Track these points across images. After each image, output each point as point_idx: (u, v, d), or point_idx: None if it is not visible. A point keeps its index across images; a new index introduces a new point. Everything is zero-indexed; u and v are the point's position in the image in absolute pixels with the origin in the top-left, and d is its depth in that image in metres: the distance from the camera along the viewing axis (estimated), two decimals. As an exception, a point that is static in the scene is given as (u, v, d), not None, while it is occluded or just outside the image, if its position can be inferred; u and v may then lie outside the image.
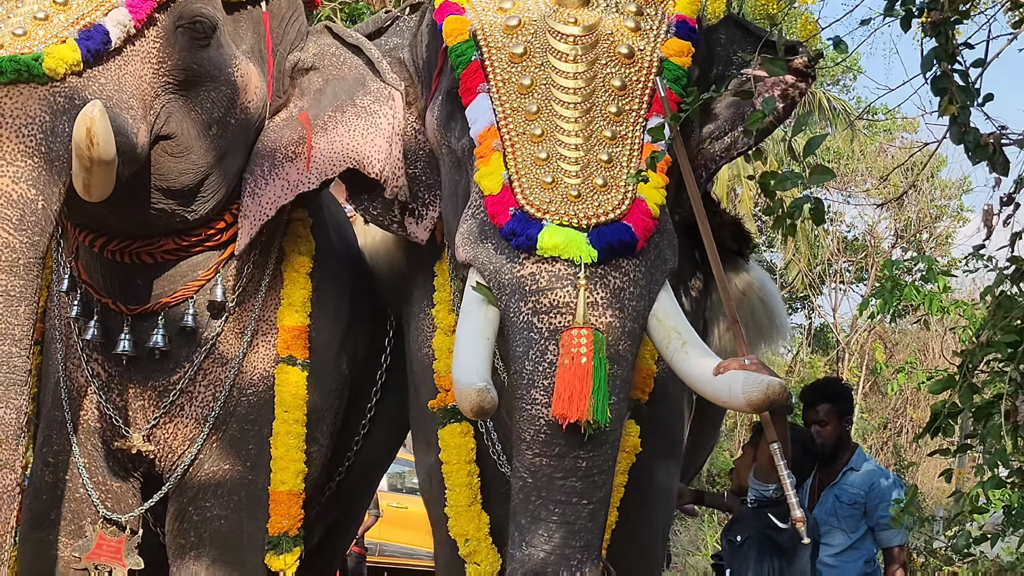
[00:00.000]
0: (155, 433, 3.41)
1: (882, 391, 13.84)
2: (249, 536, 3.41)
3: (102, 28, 2.81)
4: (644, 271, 2.73)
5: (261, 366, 3.46)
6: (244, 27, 3.28)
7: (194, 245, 3.31)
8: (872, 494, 4.05)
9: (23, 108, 2.68)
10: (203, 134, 3.13)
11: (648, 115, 2.85)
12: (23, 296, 2.67)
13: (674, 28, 2.95)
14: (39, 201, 2.69)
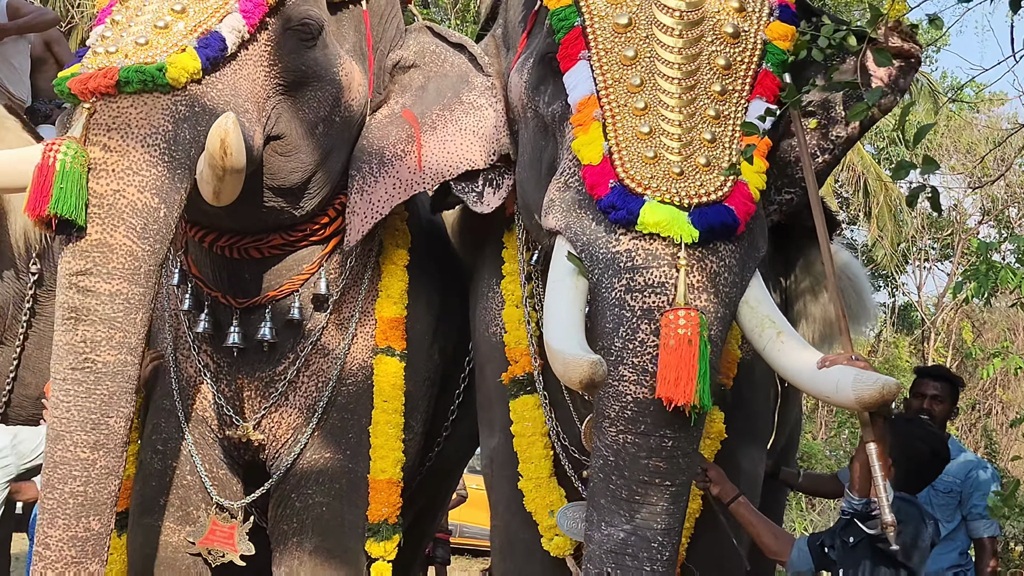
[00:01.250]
0: (263, 422, 3.54)
1: (969, 371, 13.58)
2: (350, 523, 3.53)
3: (218, 35, 2.92)
4: (739, 256, 2.73)
5: (360, 356, 3.58)
6: (346, 26, 3.38)
7: (300, 240, 3.42)
8: (967, 483, 4.03)
9: (148, 118, 2.79)
10: (310, 133, 3.23)
11: (750, 97, 2.85)
12: (142, 304, 2.79)
13: (777, 11, 2.94)
14: (162, 209, 2.80)
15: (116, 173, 2.74)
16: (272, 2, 3.03)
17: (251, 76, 3.03)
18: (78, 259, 2.73)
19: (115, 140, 2.75)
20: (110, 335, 2.74)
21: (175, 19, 2.90)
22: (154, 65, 2.78)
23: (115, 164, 2.74)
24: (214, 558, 3.56)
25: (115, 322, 2.74)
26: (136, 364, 2.83)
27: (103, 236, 2.73)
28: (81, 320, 2.72)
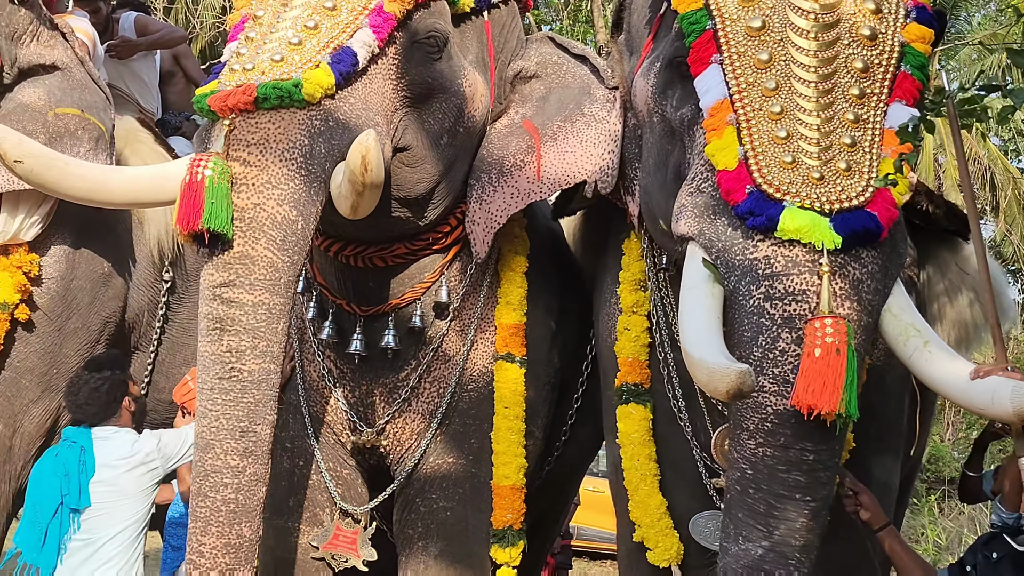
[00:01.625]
0: (387, 428, 3.60)
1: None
2: (474, 528, 3.57)
3: (350, 50, 2.97)
4: (881, 263, 2.67)
5: (481, 363, 3.61)
6: (469, 37, 3.42)
7: (422, 249, 3.47)
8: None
9: (285, 133, 2.86)
10: (435, 144, 3.27)
11: (889, 100, 2.79)
12: (282, 314, 2.86)
13: (913, 12, 2.87)
14: (299, 221, 2.87)
15: (256, 187, 2.82)
16: (400, 16, 3.08)
17: (380, 89, 3.09)
18: (221, 271, 2.81)
19: (254, 155, 2.83)
20: (254, 344, 2.81)
21: (308, 36, 2.96)
22: (290, 81, 2.85)
23: (255, 178, 2.82)
24: (337, 563, 3.64)
25: (258, 331, 2.82)
26: (278, 372, 2.90)
27: (245, 248, 2.80)
28: (226, 330, 2.80)
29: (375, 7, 3.05)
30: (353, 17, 3.02)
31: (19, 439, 3.93)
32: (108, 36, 5.05)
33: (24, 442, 3.92)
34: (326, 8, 3.01)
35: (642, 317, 3.45)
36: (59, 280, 3.96)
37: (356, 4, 3.04)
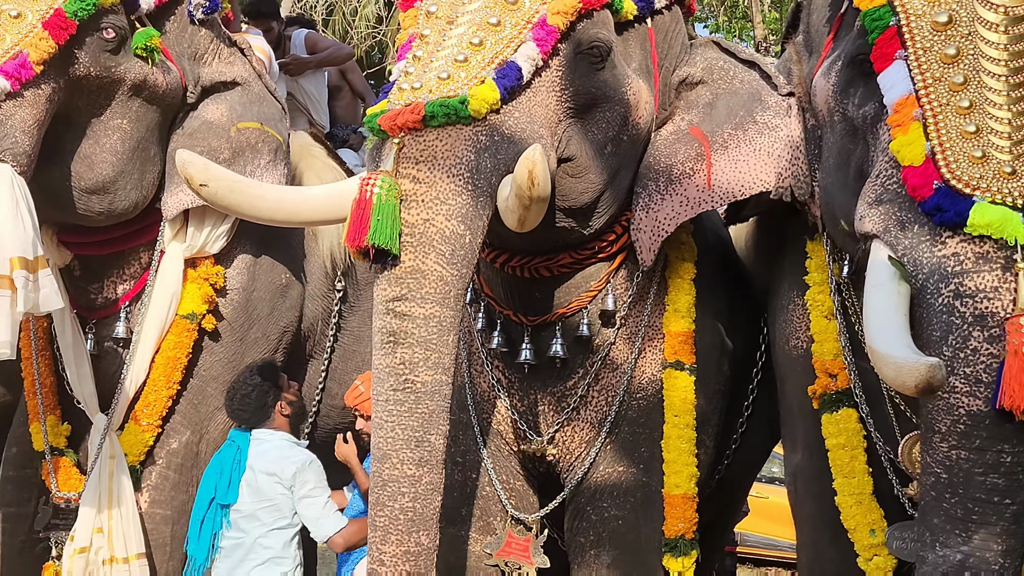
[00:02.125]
0: (556, 436, 3.64)
1: None
2: (646, 537, 3.57)
3: (515, 65, 3.01)
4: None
5: (649, 371, 3.61)
6: (632, 45, 3.41)
7: (588, 258, 3.49)
8: None
9: (452, 149, 2.92)
10: (599, 153, 3.28)
11: None
12: (453, 326, 2.91)
13: None
14: (467, 236, 2.92)
15: (425, 203, 2.88)
16: (563, 29, 3.10)
17: (545, 102, 3.11)
18: (393, 286, 2.88)
19: (423, 172, 2.89)
20: (427, 356, 2.87)
21: (473, 52, 3.01)
22: (457, 98, 2.90)
23: (424, 195, 2.88)
24: (510, 570, 3.69)
25: (430, 343, 2.87)
26: (450, 383, 2.95)
27: (416, 263, 2.87)
28: (399, 343, 2.87)
29: (538, 21, 3.08)
30: (517, 32, 3.06)
31: (205, 445, 4.12)
32: (280, 53, 5.26)
33: (210, 448, 4.10)
34: (490, 24, 3.05)
35: (834, 321, 3.39)
36: (241, 291, 4.14)
37: (519, 19, 3.08)
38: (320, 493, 3.87)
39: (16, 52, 3.42)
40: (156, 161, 3.94)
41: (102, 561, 3.85)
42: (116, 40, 3.67)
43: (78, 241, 3.98)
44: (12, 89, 3.40)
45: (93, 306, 4.07)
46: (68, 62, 3.57)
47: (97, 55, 3.64)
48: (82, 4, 3.53)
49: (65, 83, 3.58)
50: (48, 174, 3.65)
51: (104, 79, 3.69)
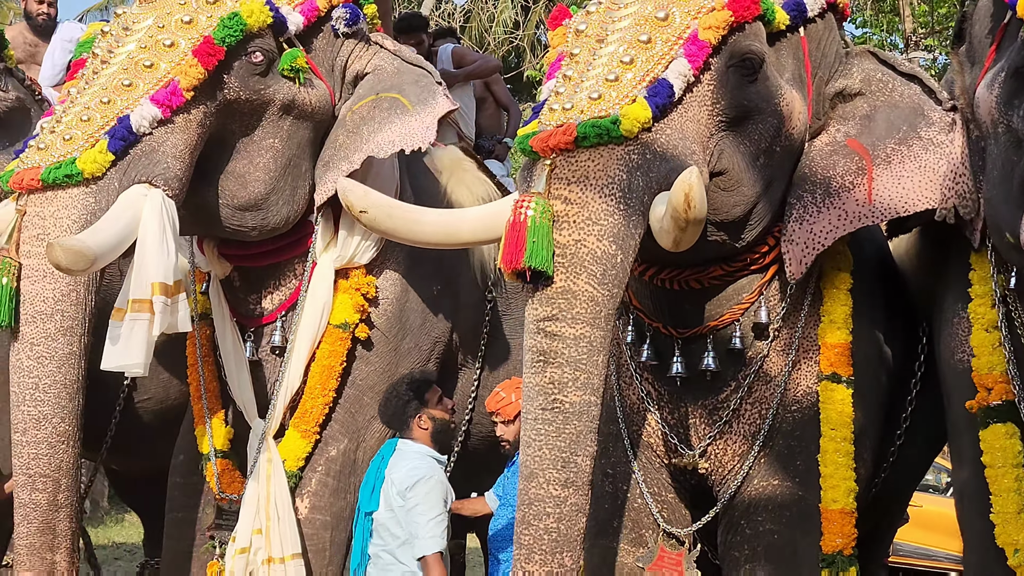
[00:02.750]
0: (708, 450, 3.62)
1: None
2: (803, 552, 3.51)
3: (666, 82, 3.01)
4: None
5: (804, 383, 3.56)
6: (785, 55, 3.37)
7: (740, 270, 3.46)
8: None
9: (604, 169, 2.93)
10: (751, 166, 3.26)
11: None
12: (603, 347, 2.93)
13: None
14: (618, 256, 2.93)
15: (577, 224, 2.90)
16: (715, 43, 3.09)
17: (696, 117, 3.10)
18: (544, 305, 2.90)
19: (575, 193, 2.91)
20: (576, 376, 2.89)
21: (624, 70, 3.01)
22: (608, 118, 2.91)
23: (576, 215, 2.90)
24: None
25: (580, 364, 2.89)
26: (599, 404, 2.96)
27: (567, 283, 2.89)
28: (549, 363, 2.90)
29: (689, 36, 3.07)
30: (668, 48, 3.06)
31: (362, 453, 4.22)
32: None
33: (367, 455, 4.20)
34: (641, 42, 3.06)
35: (995, 334, 3.30)
36: (394, 303, 4.23)
37: (670, 35, 3.08)
38: (426, 510, 3.88)
39: (168, 80, 3.61)
40: (307, 177, 4.06)
41: (261, 561, 3.99)
42: (264, 63, 3.82)
43: (237, 253, 4.16)
44: (163, 116, 3.61)
45: (252, 315, 4.23)
46: (218, 87, 3.74)
47: (246, 79, 3.79)
48: (230, 30, 3.69)
49: (216, 107, 3.75)
50: (203, 192, 3.83)
51: (254, 101, 3.84)
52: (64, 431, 3.53)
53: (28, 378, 3.50)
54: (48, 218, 3.50)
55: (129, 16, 3.82)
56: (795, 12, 3.32)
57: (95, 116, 3.56)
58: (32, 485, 3.51)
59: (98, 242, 3.37)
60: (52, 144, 3.54)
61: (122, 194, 3.53)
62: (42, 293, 3.48)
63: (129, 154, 3.56)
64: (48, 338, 3.48)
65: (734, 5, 3.11)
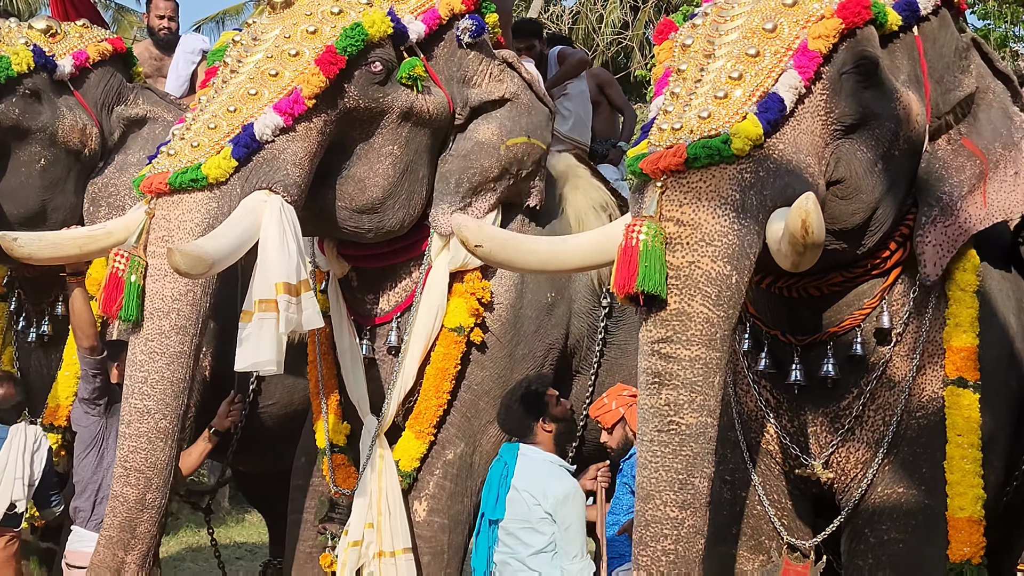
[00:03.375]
0: (831, 459, 3.59)
1: None
2: (929, 561, 3.45)
3: (776, 96, 2.96)
4: None
5: (930, 388, 3.49)
6: (899, 56, 3.32)
7: (860, 276, 3.42)
8: None
9: (717, 189, 2.90)
10: (870, 172, 3.22)
11: None
12: (719, 368, 2.91)
13: None
14: (733, 276, 2.91)
15: (690, 246, 2.89)
16: (826, 51, 3.04)
17: (810, 128, 3.06)
18: (659, 327, 2.90)
19: (688, 214, 2.90)
20: (692, 398, 2.88)
21: (733, 86, 2.98)
22: (719, 138, 2.88)
23: (689, 237, 2.89)
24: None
25: (696, 386, 2.88)
26: (715, 426, 2.95)
27: (681, 305, 2.88)
28: (664, 384, 2.89)
29: (799, 47, 3.03)
30: (777, 60, 3.02)
31: (478, 457, 4.27)
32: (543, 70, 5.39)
33: (483, 460, 4.27)
34: (749, 56, 3.03)
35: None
36: (509, 308, 4.28)
37: (779, 46, 3.04)
38: (576, 534, 3.87)
39: (291, 89, 3.71)
40: (424, 182, 4.15)
41: (372, 555, 4.08)
42: (383, 72, 3.91)
43: (355, 254, 4.27)
44: (285, 124, 3.70)
45: (368, 314, 4.33)
46: (338, 95, 3.83)
47: (365, 87, 3.89)
48: (351, 40, 3.78)
49: (336, 115, 3.85)
50: (323, 195, 3.94)
51: (373, 109, 3.93)
52: (164, 428, 3.61)
53: (139, 372, 3.61)
54: (173, 221, 3.61)
55: (259, 26, 3.94)
56: (907, 12, 3.26)
57: (221, 124, 3.68)
58: (126, 479, 3.61)
59: (216, 247, 3.48)
60: (181, 150, 3.67)
61: (242, 200, 3.64)
62: (161, 291, 3.59)
63: (252, 161, 3.67)
64: (162, 335, 3.58)
65: (844, 11, 3.06)
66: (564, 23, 15.67)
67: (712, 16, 3.20)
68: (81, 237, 3.90)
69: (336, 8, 3.85)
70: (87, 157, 4.76)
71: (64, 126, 4.65)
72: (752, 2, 3.16)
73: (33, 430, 4.54)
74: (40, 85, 4.59)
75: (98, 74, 4.82)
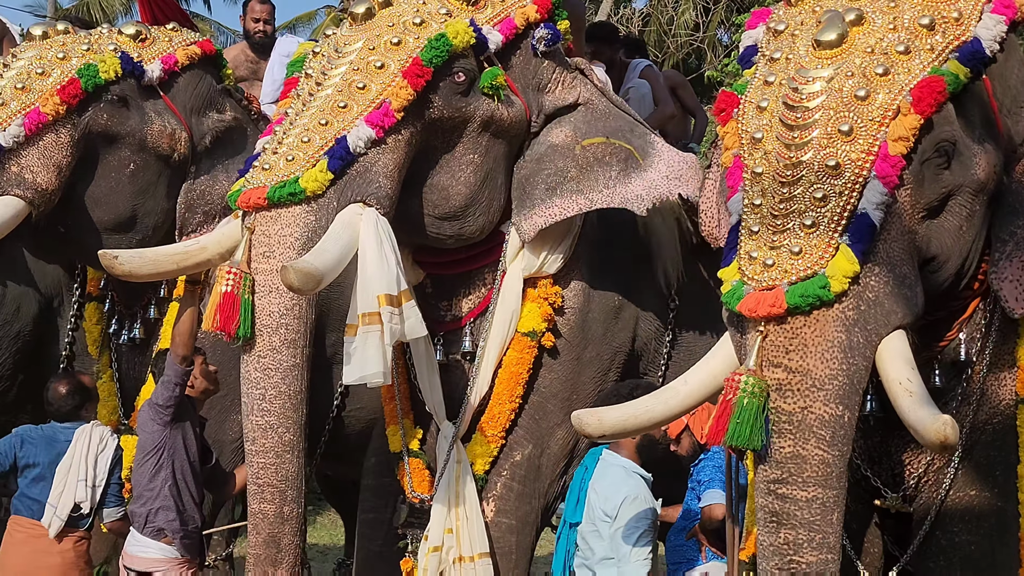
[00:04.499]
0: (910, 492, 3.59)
1: None
2: (1002, 563, 3.48)
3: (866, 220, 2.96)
4: None
5: (1005, 401, 3.48)
6: (969, 107, 3.19)
7: (941, 319, 3.40)
8: None
9: (822, 334, 2.92)
10: (956, 239, 3.21)
11: None
12: (836, 505, 2.95)
13: None
14: (846, 415, 2.95)
15: (801, 392, 2.93)
16: (906, 152, 2.99)
17: (899, 235, 3.02)
18: (774, 469, 2.96)
19: (795, 361, 2.94)
20: (810, 537, 2.93)
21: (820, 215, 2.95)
22: (815, 281, 2.89)
23: (799, 383, 2.93)
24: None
25: (813, 525, 2.93)
26: (837, 561, 2.98)
27: (796, 449, 2.92)
28: (783, 524, 2.94)
29: (879, 152, 2.96)
30: (858, 171, 2.96)
31: (546, 459, 4.33)
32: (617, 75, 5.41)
33: (550, 462, 4.33)
34: (829, 168, 2.95)
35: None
36: (578, 312, 4.33)
37: (859, 152, 2.97)
38: (633, 532, 3.81)
39: (380, 102, 3.80)
40: (502, 189, 4.23)
41: (452, 560, 4.14)
42: (466, 82, 4.00)
43: (431, 261, 4.35)
44: (376, 137, 3.79)
45: (442, 320, 4.39)
46: (424, 106, 3.92)
47: (449, 98, 3.97)
48: (436, 51, 3.86)
49: (422, 126, 3.94)
50: (407, 202, 4.02)
51: (455, 119, 4.02)
52: (289, 441, 3.70)
53: (256, 389, 3.69)
54: (273, 236, 3.70)
55: (340, 38, 4.03)
56: (974, 61, 3.13)
57: (314, 137, 3.76)
58: (261, 495, 3.68)
59: (324, 262, 3.55)
60: (276, 164, 3.76)
61: (339, 215, 3.72)
62: (268, 307, 3.67)
63: (346, 174, 3.76)
64: (273, 350, 3.67)
65: (921, 105, 2.97)
66: (635, 25, 15.58)
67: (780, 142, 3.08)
68: (178, 254, 4.00)
69: (418, 19, 3.92)
70: (177, 162, 4.77)
71: (153, 131, 4.68)
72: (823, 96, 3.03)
73: (100, 431, 4.52)
74: (128, 91, 4.64)
75: (187, 78, 4.85)
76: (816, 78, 3.06)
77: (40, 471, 4.41)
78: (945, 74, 3.03)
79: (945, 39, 3.12)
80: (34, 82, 4.45)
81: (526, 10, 4.16)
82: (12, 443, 4.47)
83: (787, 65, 3.17)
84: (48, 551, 4.37)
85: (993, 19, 3.19)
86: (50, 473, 4.39)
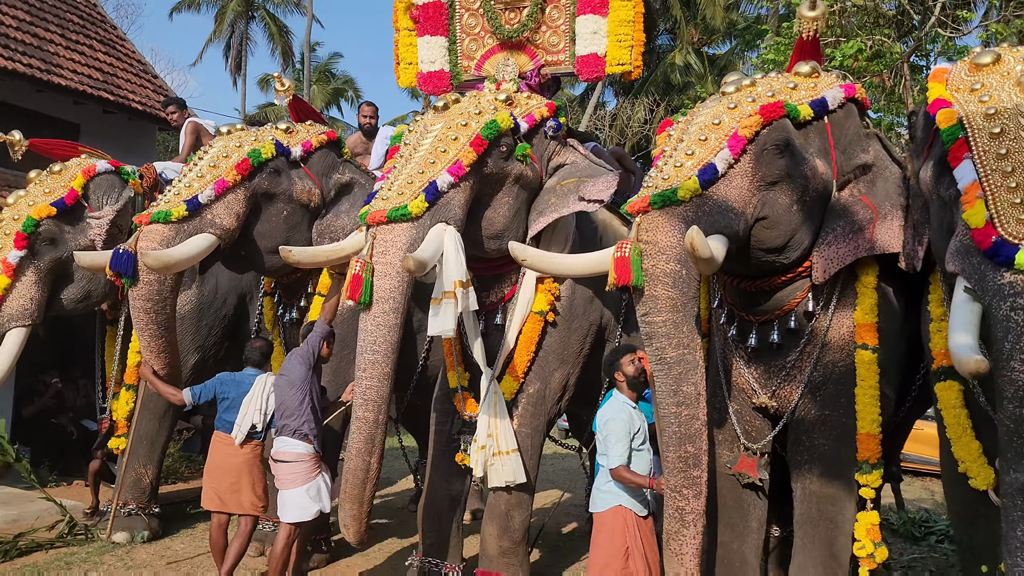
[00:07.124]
0: (775, 392, 3.58)
1: None
2: (845, 459, 3.45)
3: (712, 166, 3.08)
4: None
5: (844, 350, 3.43)
6: (812, 136, 3.33)
7: (794, 278, 3.40)
8: None
9: (669, 220, 3.01)
10: (787, 211, 3.24)
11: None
12: (683, 321, 2.97)
13: None
14: (683, 271, 2.98)
15: (653, 255, 2.95)
16: (750, 136, 3.09)
17: (737, 185, 3.11)
18: (642, 306, 2.96)
19: (651, 235, 2.96)
20: (669, 343, 2.95)
21: (687, 159, 3.05)
22: (670, 190, 2.95)
23: (652, 250, 2.95)
24: (743, 479, 3.67)
25: (670, 334, 2.96)
26: (694, 351, 2.98)
27: (652, 291, 2.95)
28: (651, 338, 2.98)
29: (732, 134, 3.10)
30: (718, 143, 3.06)
31: (549, 391, 4.22)
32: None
33: (552, 393, 4.22)
34: (700, 140, 3.01)
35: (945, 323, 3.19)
36: (568, 299, 4.27)
37: (721, 134, 3.08)
38: (615, 441, 3.61)
39: (456, 160, 3.75)
40: (524, 220, 4.15)
41: (492, 453, 4.08)
42: (507, 152, 3.95)
43: (478, 265, 4.23)
44: (454, 182, 3.73)
45: (484, 303, 4.30)
46: (482, 165, 3.86)
47: (497, 160, 3.91)
48: (490, 130, 3.83)
49: (480, 177, 3.88)
50: (468, 227, 3.94)
51: (500, 174, 3.96)
52: (387, 372, 3.55)
53: (369, 336, 3.59)
54: (388, 242, 3.61)
55: (426, 120, 4.00)
56: (819, 108, 3.31)
57: (415, 180, 3.71)
58: (365, 406, 3.55)
59: (426, 256, 3.51)
60: (390, 196, 3.70)
61: (431, 230, 3.65)
62: (383, 286, 3.54)
63: (435, 204, 3.69)
64: (384, 313, 3.57)
65: (764, 111, 3.15)
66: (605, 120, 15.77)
67: (687, 117, 3.33)
68: (328, 251, 3.93)
69: (478, 111, 3.92)
70: (313, 208, 4.74)
71: (297, 190, 4.66)
72: (709, 108, 3.25)
73: (269, 379, 4.37)
74: (280, 165, 4.61)
75: (319, 154, 4.82)
76: None
77: (231, 402, 4.36)
78: (787, 103, 3.21)
79: (800, 95, 3.32)
80: (221, 162, 4.45)
81: (541, 110, 4.16)
82: (215, 383, 4.46)
83: (689, 115, 3.29)
84: (235, 453, 4.33)
85: (838, 91, 3.39)
86: (238, 404, 4.35)
